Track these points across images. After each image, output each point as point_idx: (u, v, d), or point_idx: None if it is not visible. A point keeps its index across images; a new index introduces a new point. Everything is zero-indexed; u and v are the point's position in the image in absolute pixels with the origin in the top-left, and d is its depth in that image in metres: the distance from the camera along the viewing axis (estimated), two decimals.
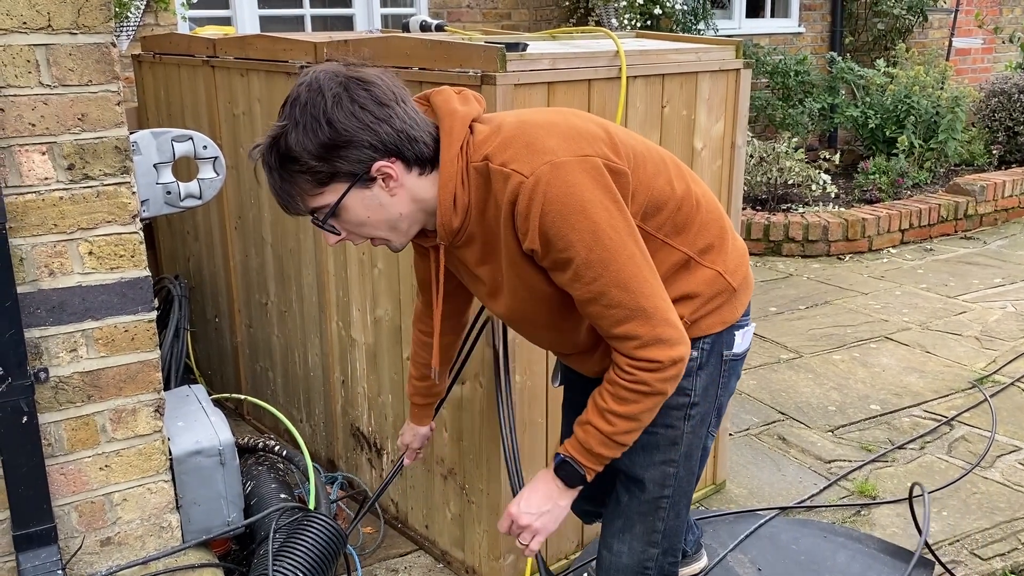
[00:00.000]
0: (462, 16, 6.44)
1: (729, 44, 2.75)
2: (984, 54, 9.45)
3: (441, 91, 1.65)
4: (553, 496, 1.71)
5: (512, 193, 1.52)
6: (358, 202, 1.55)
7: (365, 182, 1.53)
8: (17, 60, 1.87)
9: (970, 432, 3.57)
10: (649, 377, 1.57)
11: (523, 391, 2.44)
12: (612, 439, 1.63)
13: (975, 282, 5.46)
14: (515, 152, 1.54)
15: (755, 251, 6.06)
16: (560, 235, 1.50)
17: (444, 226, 1.61)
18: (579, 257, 1.52)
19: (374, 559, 2.80)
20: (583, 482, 1.69)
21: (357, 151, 1.50)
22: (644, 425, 1.64)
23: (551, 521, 1.72)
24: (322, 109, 1.48)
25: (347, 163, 1.51)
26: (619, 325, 1.56)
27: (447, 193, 1.57)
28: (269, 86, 3.00)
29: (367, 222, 1.59)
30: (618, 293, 1.53)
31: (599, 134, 1.60)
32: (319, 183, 1.53)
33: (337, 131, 1.49)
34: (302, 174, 1.52)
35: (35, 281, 1.98)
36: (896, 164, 6.96)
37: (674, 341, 1.57)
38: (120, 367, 2.12)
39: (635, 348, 1.56)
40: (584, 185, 1.51)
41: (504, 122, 1.61)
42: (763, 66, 7.34)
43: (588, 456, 1.65)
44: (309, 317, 3.15)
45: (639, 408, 1.60)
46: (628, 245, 1.54)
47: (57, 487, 2.10)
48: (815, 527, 2.89)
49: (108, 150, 2.00)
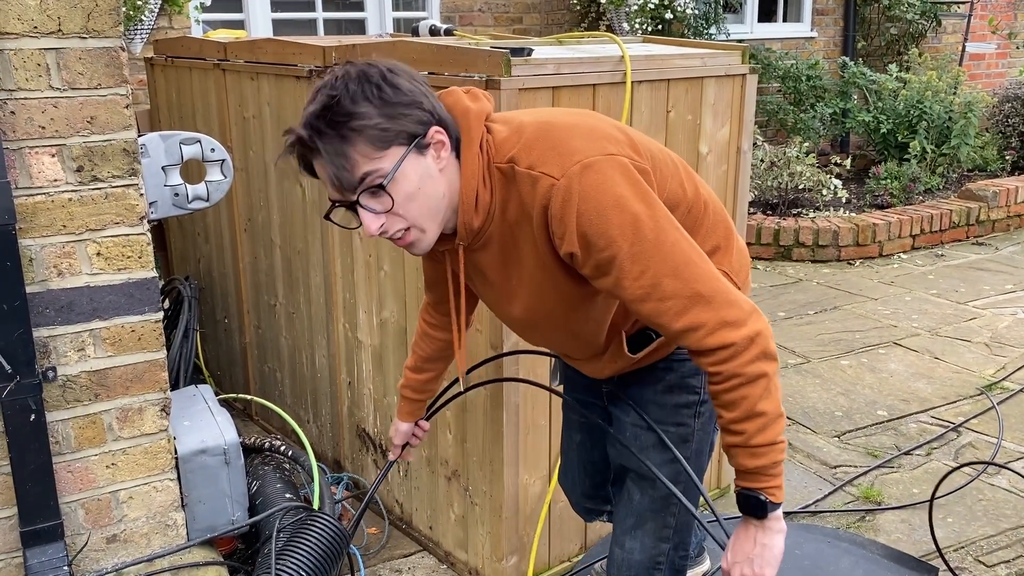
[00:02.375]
0: (474, 20, 6.47)
1: (735, 49, 2.76)
2: (998, 59, 9.40)
3: (450, 91, 1.64)
4: (753, 536, 1.60)
5: (544, 197, 1.50)
6: (413, 170, 1.50)
7: (421, 148, 1.50)
8: (28, 64, 1.90)
9: (977, 439, 3.56)
10: (734, 367, 1.48)
11: (526, 393, 2.45)
12: (751, 445, 1.52)
13: (986, 288, 5.44)
14: (541, 154, 1.52)
15: (765, 256, 6.06)
16: (600, 233, 1.47)
17: (465, 224, 1.58)
18: (622, 252, 1.48)
19: (378, 559, 2.82)
20: (769, 507, 1.56)
21: (419, 111, 1.49)
22: (774, 414, 1.52)
23: (764, 564, 1.60)
24: (379, 76, 1.47)
25: (410, 122, 1.48)
26: (680, 318, 1.49)
27: (470, 191, 1.56)
28: (279, 90, 3.03)
29: (416, 195, 1.51)
30: (670, 282, 1.48)
31: (618, 135, 1.60)
32: (380, 144, 1.46)
33: (400, 91, 1.47)
34: (363, 132, 1.45)
35: (44, 281, 2.01)
36: (908, 169, 6.93)
37: (742, 320, 1.48)
38: (127, 367, 2.15)
39: (704, 337, 1.48)
40: (616, 181, 1.49)
41: (524, 122, 1.59)
42: (775, 70, 7.33)
43: (750, 477, 1.55)
44: (316, 319, 3.18)
45: (751, 403, 1.50)
46: (671, 232, 1.50)
47: (64, 484, 2.13)
48: (819, 532, 2.88)
49: (117, 152, 2.03)
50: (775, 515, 1.58)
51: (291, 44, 2.93)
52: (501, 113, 1.68)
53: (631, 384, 1.87)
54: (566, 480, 2.24)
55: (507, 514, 2.51)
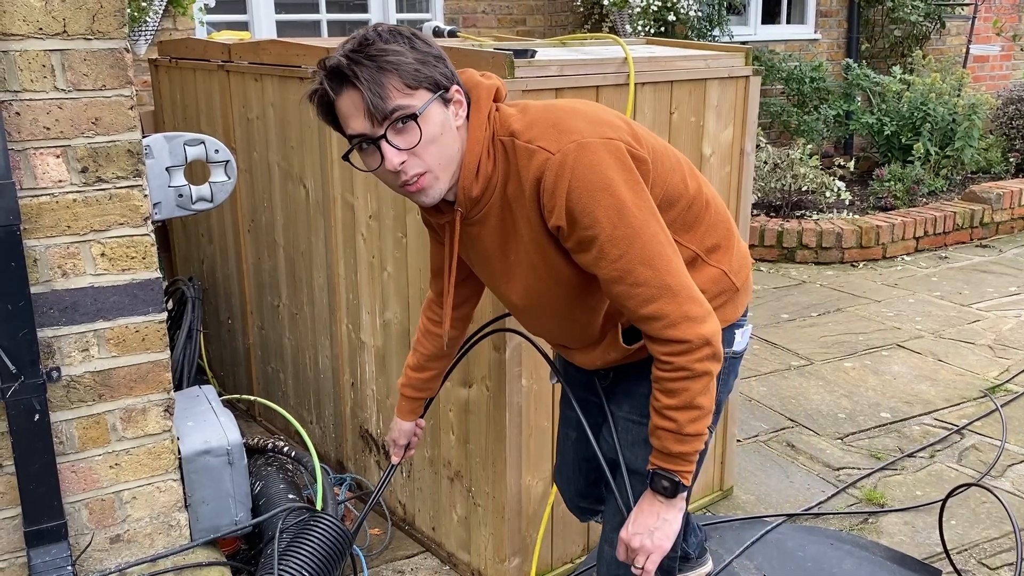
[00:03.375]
0: (478, 22, 6.48)
1: (738, 51, 2.76)
2: (1002, 61, 9.39)
3: (464, 71, 1.71)
4: (658, 511, 1.69)
5: (538, 169, 1.57)
6: (437, 115, 1.57)
7: (444, 100, 1.58)
8: (33, 65, 1.91)
9: (981, 441, 3.55)
10: (685, 361, 1.58)
11: (529, 395, 2.45)
12: (682, 433, 1.62)
13: (990, 290, 5.43)
14: (542, 130, 1.59)
15: (768, 258, 6.05)
16: (586, 211, 1.54)
17: (464, 190, 1.64)
18: (604, 234, 1.54)
19: (381, 560, 2.82)
20: (681, 488, 1.66)
21: (444, 67, 1.58)
22: (708, 409, 1.63)
23: (664, 537, 1.69)
24: (408, 32, 1.56)
25: (438, 73, 1.56)
26: (646, 305, 1.57)
27: (473, 157, 1.62)
28: (282, 91, 3.04)
29: (438, 140, 1.58)
30: (643, 271, 1.55)
31: (620, 124, 1.66)
32: (412, 82, 1.54)
33: (429, 45, 1.57)
34: (401, 66, 1.53)
35: (48, 282, 2.02)
36: (912, 171, 6.93)
37: (701, 318, 1.58)
38: (131, 367, 2.15)
39: (665, 328, 1.57)
40: (609, 164, 1.55)
41: (530, 104, 1.68)
42: (778, 72, 7.33)
43: (671, 459, 1.64)
44: (320, 319, 3.18)
45: (691, 395, 1.60)
46: (652, 224, 1.57)
47: (68, 484, 2.14)
48: (822, 534, 2.88)
49: (121, 153, 2.04)
50: (682, 495, 1.69)
51: (295, 46, 2.93)
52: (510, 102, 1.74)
53: (625, 379, 1.90)
54: (561, 478, 2.24)
55: (510, 515, 2.52)
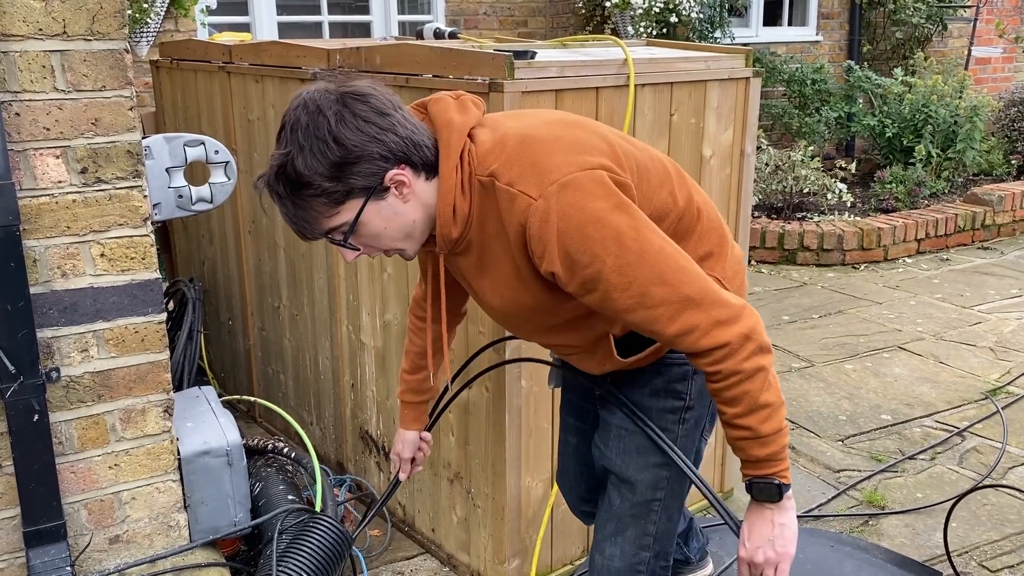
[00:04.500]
0: (479, 23, 6.48)
1: (739, 52, 2.76)
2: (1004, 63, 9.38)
3: (438, 99, 1.64)
4: (771, 518, 1.62)
5: (521, 215, 1.52)
6: (375, 215, 1.54)
7: (380, 193, 1.53)
8: (33, 66, 1.91)
9: (982, 443, 3.55)
10: (732, 365, 1.51)
11: (528, 396, 2.45)
12: (760, 436, 1.55)
13: (991, 292, 5.43)
14: (521, 171, 1.53)
15: (769, 259, 6.05)
16: (582, 250, 1.49)
17: (444, 236, 1.61)
18: (607, 266, 1.49)
19: (380, 562, 2.82)
20: (785, 488, 1.59)
21: (369, 164, 1.50)
22: (777, 403, 1.56)
23: (785, 543, 1.62)
24: (327, 129, 1.47)
25: (361, 178, 1.50)
26: (672, 323, 1.50)
27: (446, 205, 1.57)
28: (283, 92, 3.04)
29: (384, 233, 1.58)
30: (658, 289, 1.49)
31: (601, 146, 1.60)
32: (335, 203, 1.51)
33: (347, 148, 1.47)
34: (316, 197, 1.50)
35: (48, 282, 2.02)
36: (913, 173, 6.92)
37: (734, 318, 1.51)
38: (130, 367, 2.15)
39: (699, 339, 1.50)
40: (595, 194, 1.50)
41: (507, 133, 1.60)
42: (780, 74, 7.33)
43: (761, 465, 1.58)
44: (320, 321, 3.18)
45: (753, 397, 1.53)
46: (654, 240, 1.51)
47: (67, 485, 2.14)
48: (822, 536, 2.88)
49: (121, 154, 2.04)
50: (788, 495, 1.61)
51: (295, 47, 2.94)
52: (488, 116, 1.68)
53: (620, 386, 1.88)
54: (563, 482, 2.24)
55: (509, 517, 2.51)
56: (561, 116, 1.73)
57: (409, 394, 2.13)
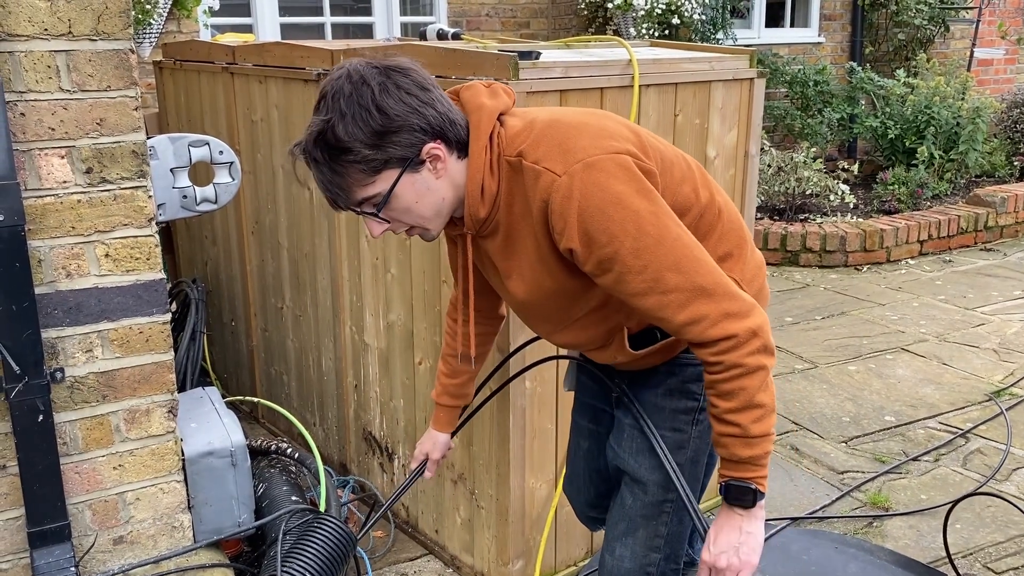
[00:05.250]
0: (481, 24, 6.48)
1: (743, 53, 2.76)
2: (1006, 65, 9.37)
3: (470, 86, 1.67)
4: (739, 524, 1.60)
5: (544, 191, 1.55)
6: (408, 187, 1.57)
7: (415, 166, 1.55)
8: (38, 66, 1.91)
9: (986, 445, 3.54)
10: (736, 357, 1.51)
11: (533, 397, 2.45)
12: (749, 436, 1.54)
13: (994, 294, 5.42)
14: (547, 150, 1.56)
15: (772, 261, 6.04)
16: (601, 229, 1.51)
17: (471, 215, 1.64)
18: (624, 247, 1.51)
19: (384, 563, 2.82)
20: (760, 496, 1.58)
21: (409, 135, 1.53)
22: (771, 407, 1.55)
23: (750, 552, 1.60)
24: (370, 98, 1.50)
25: (400, 148, 1.53)
26: (683, 310, 1.51)
27: (475, 184, 1.60)
28: (287, 93, 3.04)
29: (414, 208, 1.59)
30: (672, 276, 1.51)
31: (628, 135, 1.63)
32: (372, 171, 1.53)
33: (389, 117, 1.50)
34: (355, 164, 1.52)
35: (52, 282, 2.02)
36: (916, 175, 6.92)
37: (744, 312, 1.52)
38: (135, 368, 2.15)
39: (707, 329, 1.51)
40: (618, 177, 1.52)
41: (536, 119, 1.64)
42: (782, 76, 7.32)
43: (742, 466, 1.56)
44: (323, 321, 3.18)
45: (749, 394, 1.52)
46: (672, 228, 1.53)
47: (71, 485, 2.13)
48: (826, 538, 2.87)
49: (125, 154, 2.04)
50: (760, 503, 1.60)
51: (299, 48, 2.94)
52: (518, 108, 1.71)
53: (633, 386, 1.88)
54: (571, 488, 2.23)
55: (513, 518, 2.51)
56: (589, 109, 1.78)
57: (446, 397, 2.12)
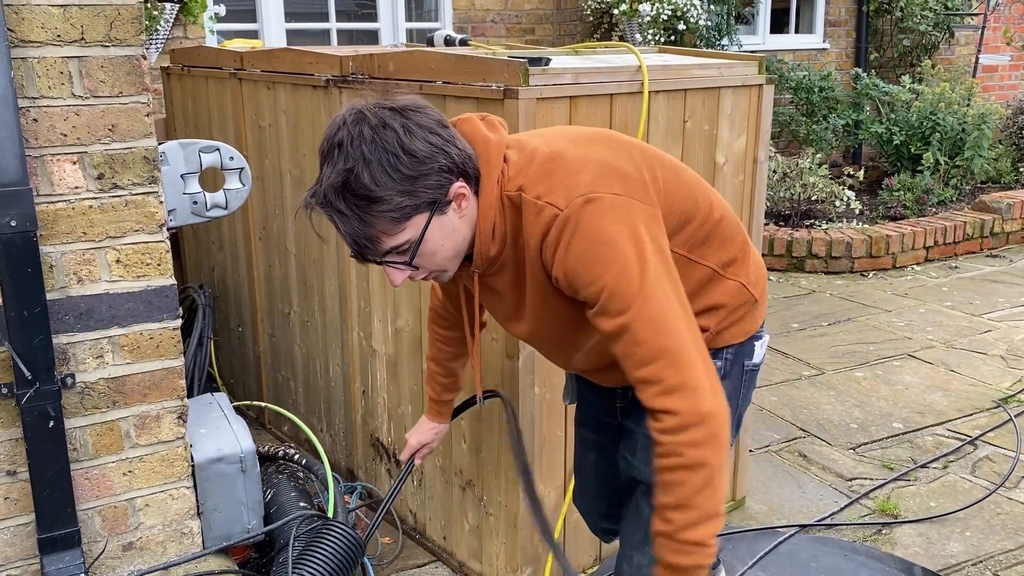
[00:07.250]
0: (486, 31, 6.49)
1: (752, 60, 2.76)
2: (1012, 71, 9.37)
3: (467, 119, 1.63)
4: None
5: (545, 225, 1.52)
6: (437, 230, 1.51)
7: (443, 207, 1.50)
8: (51, 72, 1.92)
9: (994, 452, 3.53)
10: (676, 442, 1.41)
11: (542, 404, 2.44)
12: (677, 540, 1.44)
13: (1000, 300, 5.41)
14: (550, 186, 1.53)
15: (778, 267, 6.04)
16: (587, 268, 1.49)
17: (482, 254, 1.60)
18: (607, 289, 1.47)
19: (391, 569, 2.81)
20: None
21: (438, 177, 1.47)
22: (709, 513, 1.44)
23: None
24: (396, 141, 1.43)
25: (429, 191, 1.46)
26: (643, 367, 1.46)
27: (488, 221, 1.56)
28: (295, 99, 3.04)
29: (440, 251, 1.54)
30: (643, 329, 1.45)
31: (628, 169, 1.59)
32: (403, 218, 1.46)
33: (418, 159, 1.44)
34: (385, 213, 1.45)
35: (64, 288, 2.02)
36: (921, 181, 6.91)
37: (700, 391, 1.42)
38: (145, 374, 2.15)
39: (657, 395, 1.45)
40: (616, 218, 1.50)
41: (536, 150, 1.59)
42: (787, 82, 7.32)
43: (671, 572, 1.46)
44: (331, 327, 3.18)
45: (685, 492, 1.42)
46: (661, 281, 1.48)
47: (81, 491, 2.13)
48: (835, 545, 2.86)
49: (137, 160, 2.04)
50: None
51: (308, 53, 2.94)
52: (514, 136, 1.67)
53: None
54: (582, 502, 2.22)
55: (522, 525, 2.50)
56: (584, 133, 1.71)
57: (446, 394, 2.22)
